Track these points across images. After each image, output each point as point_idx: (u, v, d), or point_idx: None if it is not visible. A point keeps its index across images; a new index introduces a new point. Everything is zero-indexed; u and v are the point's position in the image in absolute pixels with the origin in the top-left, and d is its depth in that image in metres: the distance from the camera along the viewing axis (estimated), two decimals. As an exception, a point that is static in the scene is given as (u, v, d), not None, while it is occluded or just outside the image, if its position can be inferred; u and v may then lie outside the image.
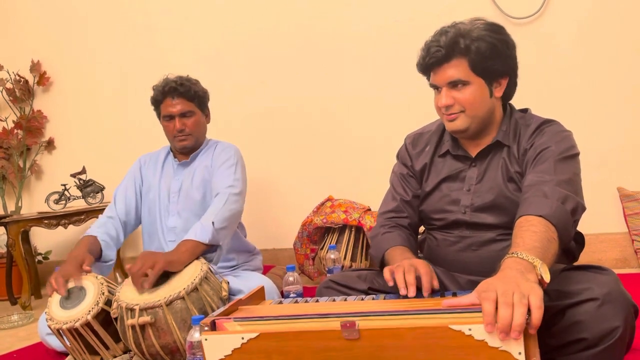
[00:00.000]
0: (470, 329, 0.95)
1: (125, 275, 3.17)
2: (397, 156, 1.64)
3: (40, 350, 2.06)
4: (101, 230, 2.01)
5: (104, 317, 1.64)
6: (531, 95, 1.91)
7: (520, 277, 0.99)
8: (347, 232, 2.55)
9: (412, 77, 1.60)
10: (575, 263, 1.43)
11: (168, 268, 1.66)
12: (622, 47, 2.40)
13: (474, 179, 1.44)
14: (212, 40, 3.13)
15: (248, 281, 1.93)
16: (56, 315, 1.65)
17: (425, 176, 1.54)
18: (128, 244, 3.38)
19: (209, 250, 1.85)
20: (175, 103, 2.09)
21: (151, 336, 1.55)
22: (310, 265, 2.65)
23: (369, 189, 2.43)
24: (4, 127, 3.62)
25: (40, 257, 3.45)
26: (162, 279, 1.66)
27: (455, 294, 1.25)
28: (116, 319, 1.61)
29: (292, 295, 1.66)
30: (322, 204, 2.67)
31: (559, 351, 1.17)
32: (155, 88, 2.15)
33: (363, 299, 1.31)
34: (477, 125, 1.41)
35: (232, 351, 1.08)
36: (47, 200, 3.05)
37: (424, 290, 1.23)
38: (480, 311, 0.95)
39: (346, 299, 1.33)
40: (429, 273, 1.26)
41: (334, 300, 1.33)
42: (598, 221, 2.36)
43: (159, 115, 2.16)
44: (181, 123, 2.09)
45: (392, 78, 2.74)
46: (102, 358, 1.67)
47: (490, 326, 0.93)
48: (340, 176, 2.88)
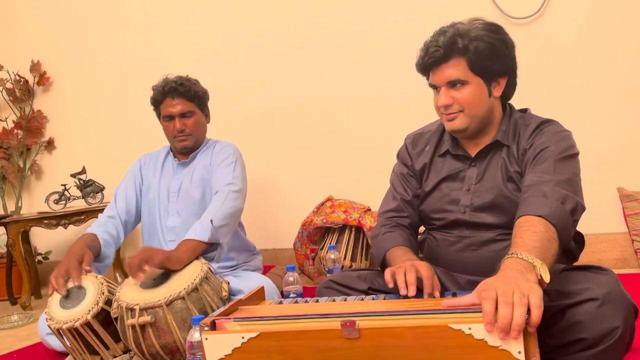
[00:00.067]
0: (470, 328, 0.95)
1: (125, 275, 3.17)
2: (398, 156, 1.64)
3: (40, 350, 2.06)
4: (101, 229, 2.01)
5: (104, 317, 1.64)
6: (531, 95, 1.91)
7: (520, 277, 0.99)
8: (347, 232, 2.55)
9: (412, 77, 1.60)
10: (575, 263, 1.43)
11: (166, 263, 1.66)
12: (622, 47, 2.40)
13: (474, 179, 1.44)
14: (212, 40, 3.13)
15: (248, 281, 1.93)
16: (56, 315, 1.65)
17: (425, 176, 1.54)
18: (128, 244, 3.38)
19: (210, 249, 1.85)
20: (175, 103, 2.09)
21: (151, 336, 1.55)
22: (310, 265, 2.65)
23: (369, 189, 2.43)
24: (4, 127, 3.62)
25: (40, 257, 3.45)
26: (162, 279, 1.66)
27: (455, 294, 1.25)
28: (116, 319, 1.61)
29: (292, 295, 1.66)
30: (322, 204, 2.67)
31: (559, 351, 1.17)
32: (154, 88, 2.14)
33: (363, 299, 1.31)
34: (476, 124, 1.41)
35: (233, 350, 1.09)
36: (47, 200, 3.05)
37: (425, 290, 1.23)
38: (480, 311, 0.95)
39: (346, 299, 1.33)
40: (431, 277, 1.26)
41: (334, 300, 1.33)
42: (598, 221, 2.36)
43: (159, 115, 2.16)
44: (181, 123, 2.09)
45: (392, 78, 2.74)
46: (102, 358, 1.67)
47: (490, 325, 0.93)
48: (340, 176, 2.88)
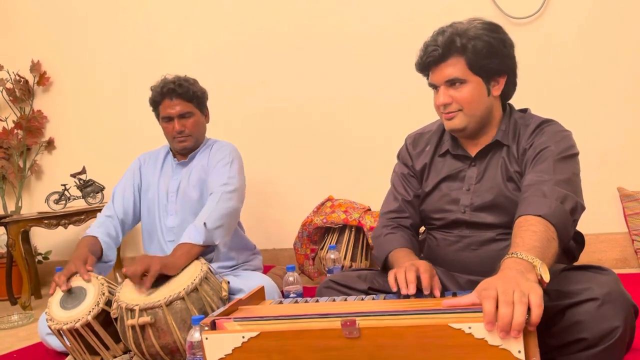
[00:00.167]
0: (470, 328, 0.95)
1: (125, 275, 3.16)
2: (398, 156, 1.64)
3: (40, 350, 2.06)
4: (101, 230, 2.01)
5: (104, 318, 1.64)
6: (531, 95, 1.91)
7: (520, 277, 0.99)
8: (347, 232, 2.55)
9: (412, 77, 1.60)
10: (575, 263, 1.43)
11: (164, 271, 1.66)
12: (622, 47, 2.40)
13: (474, 179, 1.44)
14: (212, 40, 3.13)
15: (248, 281, 1.93)
16: (56, 315, 1.65)
17: (425, 176, 1.54)
18: (128, 244, 3.38)
19: (207, 250, 1.85)
20: (173, 104, 2.08)
21: (151, 336, 1.55)
22: (310, 265, 2.65)
23: (369, 189, 2.43)
24: (4, 127, 3.62)
25: (40, 257, 3.45)
26: (162, 280, 1.66)
27: (455, 294, 1.25)
28: (116, 319, 1.62)
29: (292, 295, 1.66)
30: (322, 204, 2.67)
31: (559, 351, 1.17)
32: (153, 89, 2.13)
33: (363, 299, 1.31)
34: (476, 124, 1.41)
35: (233, 350, 1.09)
36: (47, 200, 3.05)
37: (424, 288, 1.23)
38: (480, 311, 0.95)
39: (346, 299, 1.33)
40: (431, 276, 1.25)
41: (334, 300, 1.33)
42: (598, 221, 2.36)
43: (158, 116, 2.15)
44: (180, 124, 2.08)
45: (392, 78, 2.74)
46: (102, 358, 1.67)
47: (490, 325, 0.93)
48: (340, 176, 2.88)
